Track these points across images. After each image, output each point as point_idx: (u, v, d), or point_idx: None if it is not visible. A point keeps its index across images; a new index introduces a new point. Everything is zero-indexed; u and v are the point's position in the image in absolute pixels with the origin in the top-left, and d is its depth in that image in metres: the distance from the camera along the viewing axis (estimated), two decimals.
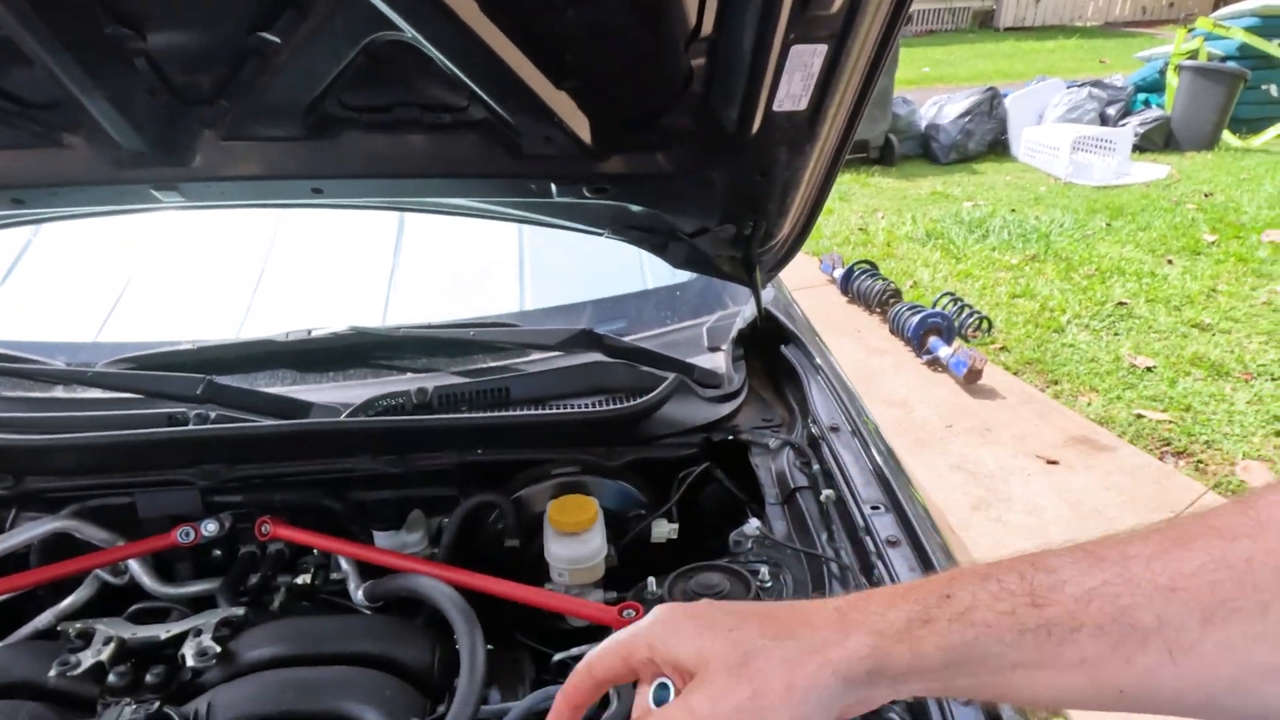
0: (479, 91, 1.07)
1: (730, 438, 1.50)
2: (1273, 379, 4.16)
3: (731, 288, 1.85)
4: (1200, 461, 3.61)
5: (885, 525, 1.19)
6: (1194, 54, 8.95)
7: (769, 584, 1.22)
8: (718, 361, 1.66)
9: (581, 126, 1.14)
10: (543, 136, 1.15)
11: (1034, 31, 20.83)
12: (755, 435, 1.51)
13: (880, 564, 1.13)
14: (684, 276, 1.82)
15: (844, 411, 1.44)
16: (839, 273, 5.52)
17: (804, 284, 5.65)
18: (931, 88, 12.88)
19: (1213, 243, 6.02)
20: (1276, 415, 3.84)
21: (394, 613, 1.32)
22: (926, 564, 1.11)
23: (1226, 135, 8.84)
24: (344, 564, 1.38)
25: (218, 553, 1.38)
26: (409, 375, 1.51)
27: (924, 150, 9.23)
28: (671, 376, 1.47)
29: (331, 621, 1.24)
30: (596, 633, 1.22)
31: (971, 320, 4.84)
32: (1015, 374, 4.47)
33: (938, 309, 4.75)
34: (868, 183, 8.44)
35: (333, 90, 1.10)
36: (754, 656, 0.56)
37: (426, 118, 1.15)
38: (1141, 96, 9.51)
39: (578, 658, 1.20)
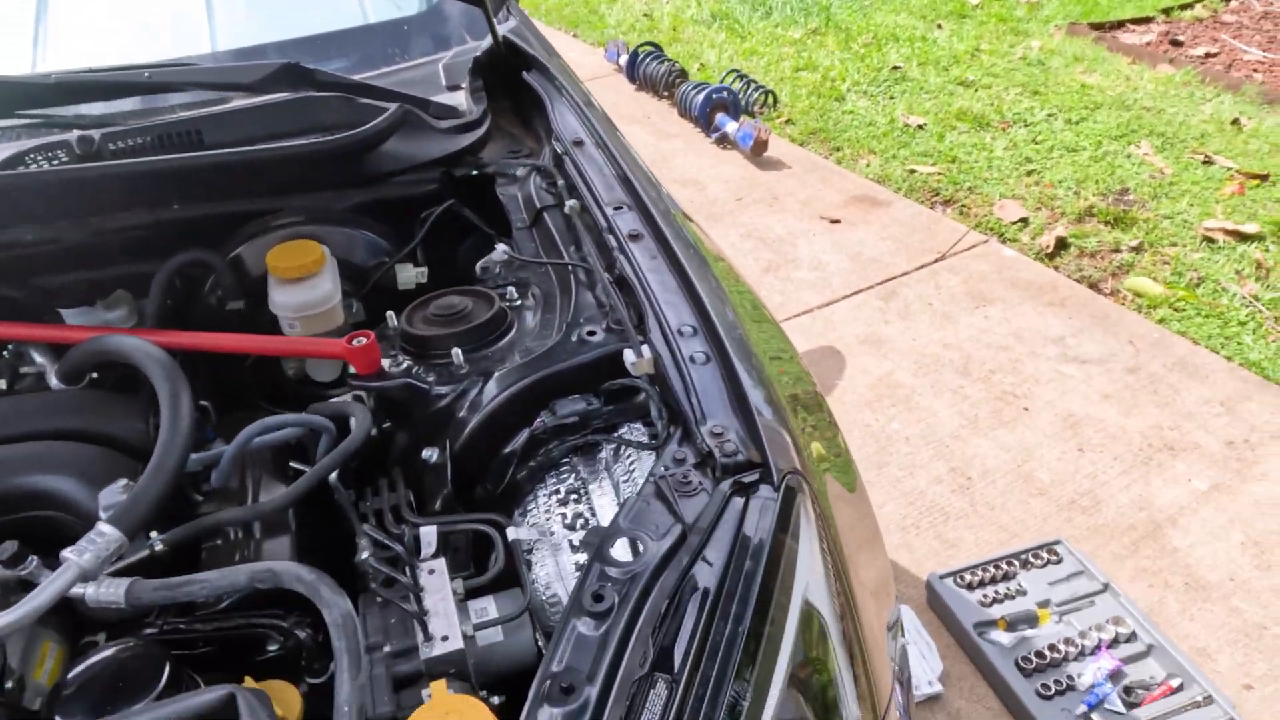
0: None
1: (474, 172, 1.39)
2: (1025, 125, 4.46)
3: (473, 23, 1.67)
4: (964, 206, 3.87)
5: (628, 222, 1.14)
6: None
7: (517, 301, 1.16)
8: (458, 100, 1.51)
9: None
10: None
11: None
12: (502, 166, 1.40)
13: (622, 257, 1.08)
14: (411, 9, 1.61)
15: (587, 126, 1.34)
16: (625, 59, 5.31)
17: (590, 75, 5.42)
18: None
19: (977, 5, 6.25)
20: (1028, 157, 4.14)
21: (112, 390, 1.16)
22: (669, 252, 1.07)
23: None
24: (36, 356, 1.19)
25: None
26: (75, 133, 1.26)
27: None
28: (395, 105, 1.31)
29: (23, 400, 1.08)
30: (343, 390, 1.12)
31: (757, 96, 4.83)
32: (801, 145, 4.55)
33: (724, 85, 4.69)
34: None
35: None
36: None
37: None
38: None
39: (327, 415, 1.11)
